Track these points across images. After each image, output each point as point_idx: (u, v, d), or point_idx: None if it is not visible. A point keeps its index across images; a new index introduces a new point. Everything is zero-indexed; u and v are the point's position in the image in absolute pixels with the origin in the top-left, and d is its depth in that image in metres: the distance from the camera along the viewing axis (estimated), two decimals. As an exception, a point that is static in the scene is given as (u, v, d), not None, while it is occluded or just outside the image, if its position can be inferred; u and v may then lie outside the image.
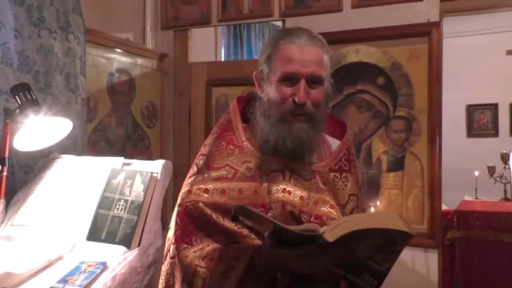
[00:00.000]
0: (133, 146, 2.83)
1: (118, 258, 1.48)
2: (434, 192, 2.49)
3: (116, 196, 1.65)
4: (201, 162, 1.34)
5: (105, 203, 1.65)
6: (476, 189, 4.16)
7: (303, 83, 1.23)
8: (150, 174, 1.63)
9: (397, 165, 2.59)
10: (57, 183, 1.80)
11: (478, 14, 4.32)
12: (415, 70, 2.54)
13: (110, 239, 1.57)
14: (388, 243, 1.07)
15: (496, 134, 5.51)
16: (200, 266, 1.20)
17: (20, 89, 1.76)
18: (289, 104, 1.24)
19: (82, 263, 1.49)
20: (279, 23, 2.98)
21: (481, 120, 5.62)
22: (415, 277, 2.51)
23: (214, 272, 1.18)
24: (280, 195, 1.26)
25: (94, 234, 1.60)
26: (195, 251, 1.23)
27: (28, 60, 2.12)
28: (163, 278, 1.36)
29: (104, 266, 1.46)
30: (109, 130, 2.67)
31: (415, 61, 2.54)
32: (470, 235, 3.39)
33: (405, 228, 1.02)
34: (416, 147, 2.55)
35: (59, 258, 1.54)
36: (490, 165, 4.11)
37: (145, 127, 2.94)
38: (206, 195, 1.28)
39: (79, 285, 1.40)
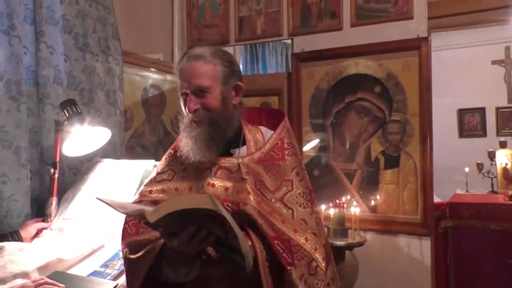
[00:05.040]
0: (164, 150, 2.83)
1: (150, 246, 1.51)
2: (426, 186, 2.45)
3: (149, 193, 1.67)
4: (154, 169, 1.39)
5: (139, 199, 1.68)
6: (467, 183, 4.08)
7: (190, 96, 1.25)
8: (177, 174, 1.65)
9: (393, 163, 2.56)
10: (100, 182, 1.85)
11: (465, 30, 4.27)
12: (407, 79, 2.51)
13: (144, 229, 1.60)
14: (222, 224, 1.02)
15: (484, 134, 5.39)
16: (131, 250, 1.22)
17: (68, 104, 1.82)
18: (189, 115, 1.27)
19: (120, 250, 1.53)
20: (288, 41, 2.99)
21: (471, 123, 5.51)
22: (411, 261, 2.48)
23: (137, 253, 1.21)
24: (205, 189, 1.23)
25: (130, 226, 1.64)
26: (135, 239, 1.24)
27: (75, 80, 2.18)
28: None
29: (138, 253, 1.49)
30: (144, 137, 2.71)
31: (407, 72, 2.52)
32: (461, 224, 3.32)
33: (210, 206, 0.98)
34: (409, 147, 2.51)
35: (101, 247, 1.58)
36: (479, 162, 4.03)
37: (174, 134, 2.96)
38: (150, 195, 1.30)
39: (117, 269, 1.43)
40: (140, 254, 1.20)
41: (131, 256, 1.22)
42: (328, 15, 2.73)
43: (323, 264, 1.17)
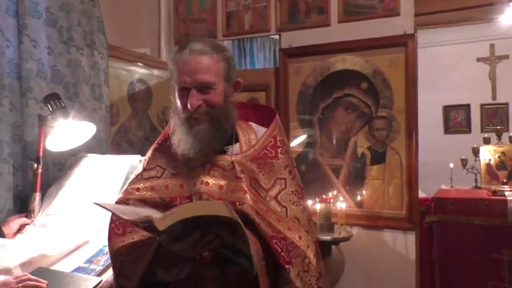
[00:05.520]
0: (150, 146, 2.83)
1: (135, 242, 1.49)
2: (412, 182, 2.48)
3: (134, 188, 1.66)
4: (140, 165, 1.35)
5: (124, 194, 1.67)
6: (451, 178, 4.13)
7: (192, 91, 1.20)
8: (162, 169, 1.64)
9: (379, 158, 2.58)
10: (85, 178, 1.83)
11: (451, 27, 4.32)
12: (394, 76, 2.53)
13: (129, 225, 1.58)
14: (233, 229, 1.02)
15: (468, 130, 5.47)
16: (121, 254, 1.19)
17: (51, 98, 1.80)
18: (187, 110, 1.22)
19: (105, 246, 1.50)
20: (276, 37, 2.98)
21: (456, 119, 5.58)
22: (396, 256, 2.51)
23: (129, 256, 1.18)
24: (198, 187, 1.21)
25: (115, 221, 1.62)
26: (123, 240, 1.21)
27: (59, 74, 2.14)
28: None
29: (123, 249, 1.47)
30: (130, 132, 2.69)
31: (394, 68, 2.53)
32: (446, 219, 3.36)
33: (225, 213, 0.97)
34: (395, 143, 2.53)
35: (86, 242, 1.57)
36: (463, 158, 4.08)
37: (161, 129, 2.94)
38: (137, 193, 1.26)
39: (102, 265, 1.42)
40: (133, 257, 1.17)
41: (123, 259, 1.19)
42: (316, 11, 2.73)
43: (314, 261, 1.20)
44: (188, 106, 1.21)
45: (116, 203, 1.29)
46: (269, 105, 2.76)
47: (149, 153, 1.36)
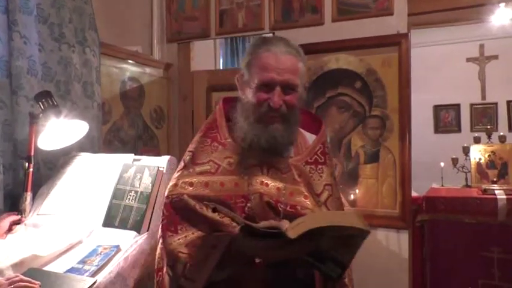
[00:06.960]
0: (143, 144, 2.80)
1: (130, 242, 1.48)
2: (405, 180, 2.49)
3: (128, 188, 1.65)
4: (188, 158, 1.29)
5: (118, 194, 1.65)
6: (442, 177, 4.15)
7: (277, 89, 1.19)
8: (157, 168, 1.63)
9: (373, 157, 2.58)
10: (77, 177, 1.80)
11: (441, 27, 4.34)
12: (387, 75, 2.54)
13: (123, 225, 1.57)
14: (347, 238, 1.03)
15: (458, 130, 5.52)
16: (182, 252, 1.15)
17: (43, 96, 1.77)
18: (265, 107, 1.20)
19: (99, 246, 1.49)
20: (270, 35, 2.97)
21: (446, 119, 5.63)
22: (389, 254, 2.52)
23: (194, 257, 1.14)
24: (258, 187, 1.20)
25: (108, 221, 1.61)
26: (179, 239, 1.17)
27: (50, 71, 2.11)
28: (156, 260, 1.33)
29: (117, 249, 1.46)
30: (122, 131, 2.65)
31: (387, 67, 2.54)
32: (437, 217, 3.38)
33: (360, 225, 0.98)
34: (389, 142, 2.54)
35: (79, 242, 1.54)
36: (454, 157, 4.11)
37: (153, 128, 2.92)
38: (191, 188, 1.22)
39: (96, 266, 1.40)
40: (198, 259, 1.13)
41: (186, 261, 1.15)
42: (309, 10, 2.73)
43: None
44: (271, 104, 1.19)
45: (167, 197, 1.25)
46: (317, 115, 2.74)
47: (194, 146, 1.30)
